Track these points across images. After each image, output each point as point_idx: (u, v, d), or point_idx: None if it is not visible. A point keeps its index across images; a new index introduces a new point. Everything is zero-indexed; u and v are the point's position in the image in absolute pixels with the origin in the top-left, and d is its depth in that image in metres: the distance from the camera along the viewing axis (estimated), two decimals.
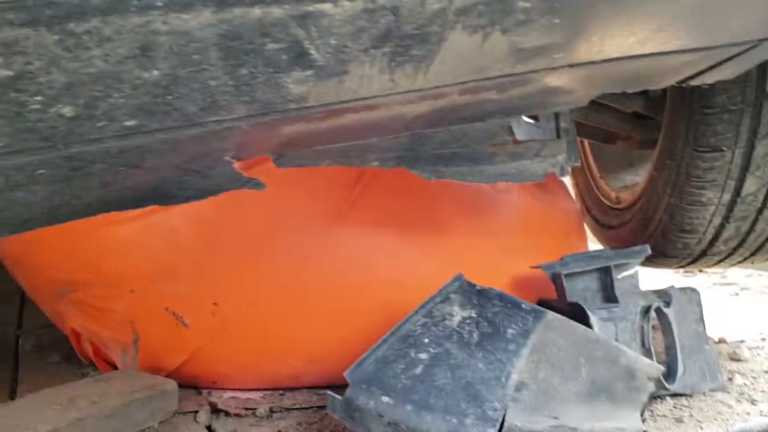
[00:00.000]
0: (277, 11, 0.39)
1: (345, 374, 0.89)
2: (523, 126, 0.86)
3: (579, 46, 0.59)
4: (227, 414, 1.14)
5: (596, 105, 1.51)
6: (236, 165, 0.63)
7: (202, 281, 1.12)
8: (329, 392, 0.92)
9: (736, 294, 1.92)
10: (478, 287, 0.98)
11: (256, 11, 0.39)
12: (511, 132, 0.84)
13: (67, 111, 0.40)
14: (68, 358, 1.44)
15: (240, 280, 1.12)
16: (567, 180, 1.73)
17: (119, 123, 0.44)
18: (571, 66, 0.64)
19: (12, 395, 1.25)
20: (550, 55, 0.58)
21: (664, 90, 1.42)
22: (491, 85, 0.63)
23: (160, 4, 0.35)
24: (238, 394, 1.22)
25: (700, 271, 2.18)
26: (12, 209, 0.53)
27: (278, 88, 0.46)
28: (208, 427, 1.11)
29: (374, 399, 0.87)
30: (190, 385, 1.26)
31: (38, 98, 0.38)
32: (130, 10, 0.35)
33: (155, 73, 0.40)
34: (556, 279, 1.10)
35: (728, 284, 2.03)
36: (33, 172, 0.47)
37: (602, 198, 1.68)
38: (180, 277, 1.13)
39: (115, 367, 1.27)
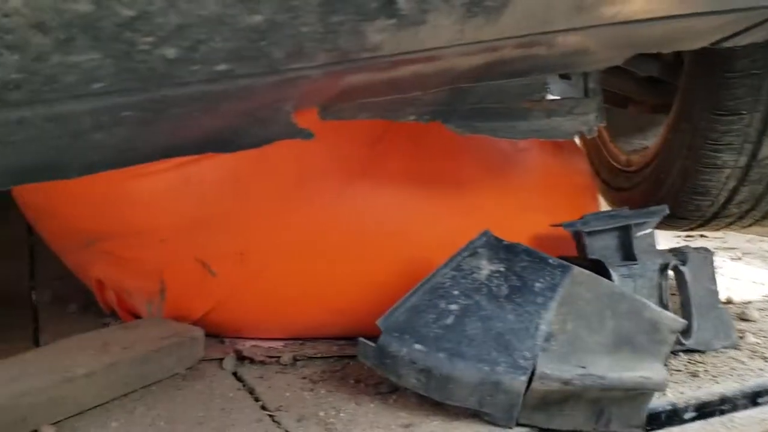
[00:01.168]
0: None
1: (378, 322, 0.93)
2: (558, 83, 0.88)
3: (632, 4, 0.61)
4: (252, 361, 1.17)
5: (611, 68, 1.53)
6: (293, 114, 0.64)
7: (230, 231, 1.15)
8: (362, 339, 0.95)
9: (739, 258, 1.97)
10: (505, 242, 1.01)
11: None
12: (547, 88, 0.86)
13: (170, 53, 0.42)
14: (86, 307, 1.46)
15: (267, 231, 1.15)
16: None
17: (211, 67, 0.46)
18: (616, 23, 0.66)
19: (36, 343, 1.28)
20: (607, 11, 0.60)
21: (678, 54, 1.44)
22: (544, 40, 0.65)
23: None
24: (260, 343, 1.25)
25: (701, 235, 2.23)
26: (86, 151, 0.55)
27: (359, 36, 0.48)
28: (234, 374, 1.14)
29: (407, 346, 0.90)
30: (212, 333, 1.28)
31: (149, 39, 0.40)
32: None
33: (257, 17, 0.42)
34: (577, 237, 1.13)
35: (730, 249, 2.08)
36: (119, 114, 0.49)
37: (612, 161, 1.71)
38: (209, 227, 1.15)
39: (138, 318, 1.29)
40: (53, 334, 1.29)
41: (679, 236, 2.19)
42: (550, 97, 0.88)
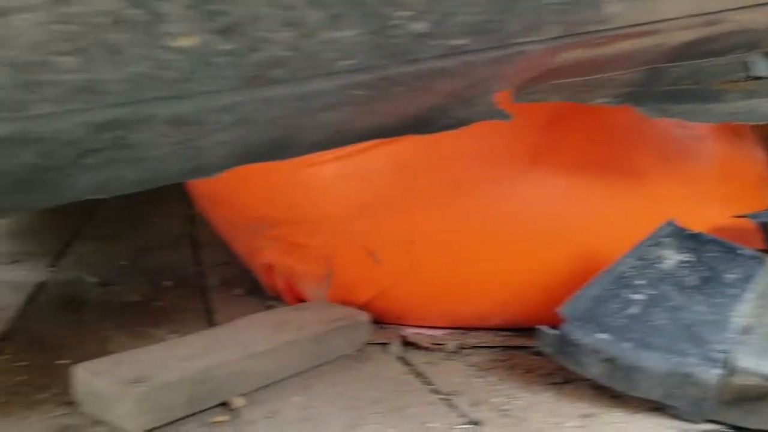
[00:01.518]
0: None
1: (560, 310, 0.91)
2: (760, 61, 0.83)
3: None
4: (418, 347, 1.19)
5: None
6: (496, 94, 0.65)
7: (398, 220, 1.17)
8: (542, 327, 0.94)
9: None
10: (690, 232, 0.97)
11: None
12: (747, 68, 0.81)
13: (420, 28, 0.43)
14: (251, 291, 1.53)
15: (435, 220, 1.16)
16: None
17: (448, 42, 0.46)
18: None
19: (210, 323, 1.35)
20: None
21: None
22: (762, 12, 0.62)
23: None
24: (422, 331, 1.27)
25: None
26: (311, 131, 0.58)
27: (596, 7, 0.47)
28: (401, 359, 1.16)
29: (591, 335, 0.88)
30: (374, 319, 1.31)
31: (405, 13, 0.41)
32: None
33: None
34: (765, 228, 1.06)
35: None
36: (352, 93, 0.51)
37: None
38: (378, 215, 1.17)
39: (302, 301, 1.35)
40: (224, 315, 1.37)
41: None
42: (752, 76, 0.83)
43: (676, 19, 0.54)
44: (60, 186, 0.53)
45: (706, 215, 1.17)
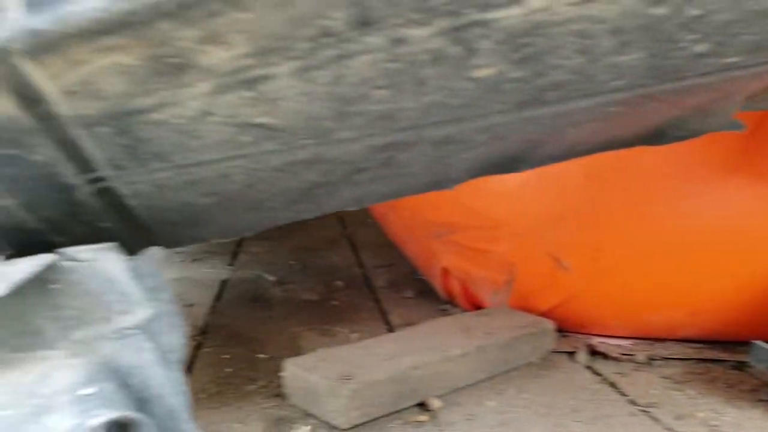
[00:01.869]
0: None
1: None
2: None
3: None
4: (606, 357, 1.18)
5: None
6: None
7: (587, 227, 1.16)
8: (758, 342, 0.90)
9: None
10: None
11: None
12: None
13: (702, 49, 0.43)
14: (420, 293, 1.57)
15: (625, 228, 1.14)
16: None
17: (722, 60, 0.46)
18: None
19: (387, 324, 1.40)
20: None
21: None
22: None
23: None
24: (607, 340, 1.25)
25: None
26: (551, 145, 0.59)
27: None
28: (588, 368, 1.15)
29: None
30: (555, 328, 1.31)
31: (693, 36, 0.42)
32: None
33: None
34: None
35: None
36: (606, 109, 0.52)
37: None
38: (565, 223, 1.17)
39: (478, 307, 1.36)
40: (398, 317, 1.42)
41: None
42: None
43: None
44: (324, 200, 0.58)
45: None
